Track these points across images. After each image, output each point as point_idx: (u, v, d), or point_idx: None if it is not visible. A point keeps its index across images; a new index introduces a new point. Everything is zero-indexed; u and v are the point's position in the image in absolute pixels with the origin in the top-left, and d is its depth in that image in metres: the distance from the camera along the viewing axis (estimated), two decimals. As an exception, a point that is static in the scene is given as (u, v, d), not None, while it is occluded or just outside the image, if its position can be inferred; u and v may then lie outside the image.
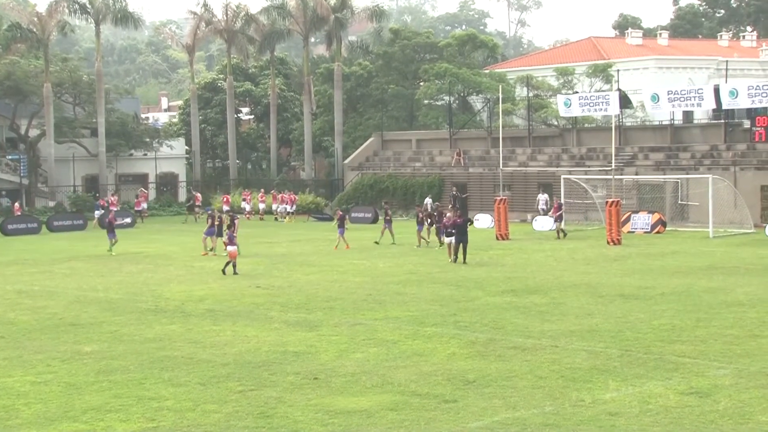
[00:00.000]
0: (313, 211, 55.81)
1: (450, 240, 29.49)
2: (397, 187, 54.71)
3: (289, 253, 34.00)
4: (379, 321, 19.42)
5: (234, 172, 67.44)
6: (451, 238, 29.42)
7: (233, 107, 68.59)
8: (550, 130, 54.47)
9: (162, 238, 41.29)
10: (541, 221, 43.23)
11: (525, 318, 19.39)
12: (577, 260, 30.17)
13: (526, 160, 51.68)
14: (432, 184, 53.42)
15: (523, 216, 48.34)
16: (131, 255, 34.48)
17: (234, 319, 19.93)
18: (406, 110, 66.04)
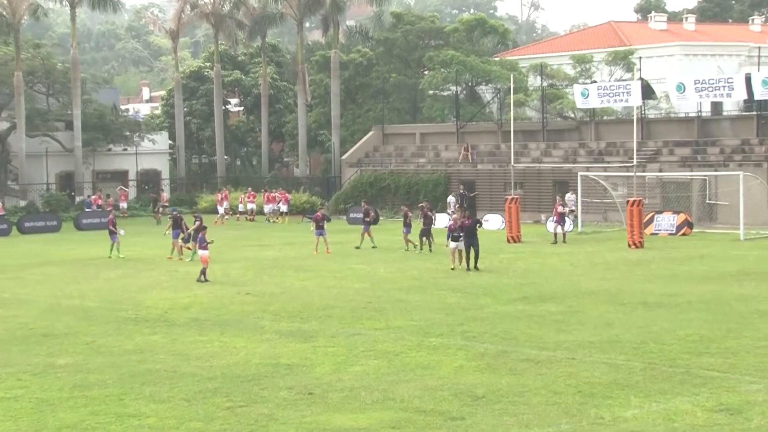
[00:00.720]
0: (307, 211, 55.84)
1: (455, 245, 28.74)
2: (399, 185, 54.74)
3: (282, 257, 33.99)
4: (379, 331, 19.40)
5: (222, 168, 67.53)
6: (457, 243, 28.72)
7: (221, 98, 68.65)
8: (566, 123, 54.46)
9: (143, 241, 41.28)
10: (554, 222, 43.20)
11: (539, 328, 19.37)
12: (595, 265, 30.15)
13: (540, 156, 51.68)
14: (437, 182, 53.45)
15: (537, 216, 48.34)
16: (109, 259, 34.47)
17: (222, 329, 19.92)
18: (409, 101, 66.06)
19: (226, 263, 32.01)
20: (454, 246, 28.88)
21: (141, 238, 42.93)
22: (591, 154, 50.14)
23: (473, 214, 50.83)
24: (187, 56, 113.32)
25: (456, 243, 28.83)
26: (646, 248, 34.69)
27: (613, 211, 44.44)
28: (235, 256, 34.81)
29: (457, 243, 28.80)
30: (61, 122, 61.83)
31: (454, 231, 28.91)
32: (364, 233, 36.28)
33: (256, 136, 74.70)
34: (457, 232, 28.81)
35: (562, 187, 49.26)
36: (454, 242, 28.92)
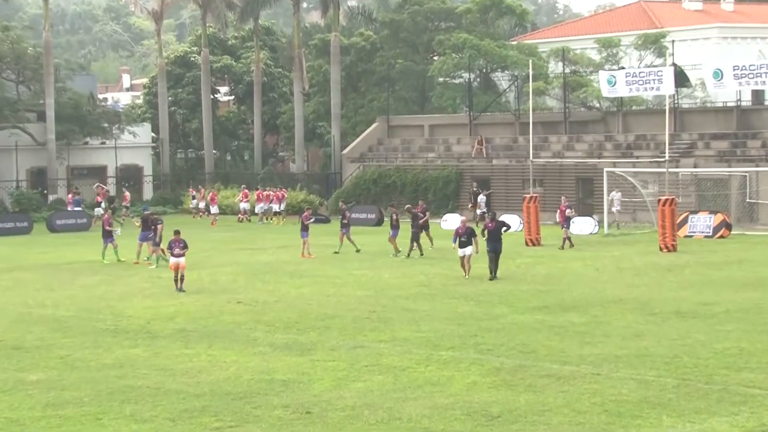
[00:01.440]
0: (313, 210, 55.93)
1: (463, 252, 28.14)
2: (405, 182, 54.77)
3: (276, 262, 34.00)
4: (384, 343, 19.40)
5: (210, 164, 67.62)
6: (465, 250, 28.02)
7: (209, 86, 68.73)
8: (591, 114, 54.42)
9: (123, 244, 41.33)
10: (579, 223, 43.23)
11: (560, 340, 19.36)
12: (623, 270, 30.12)
13: (562, 150, 51.67)
14: (448, 179, 53.49)
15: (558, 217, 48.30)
16: (86, 264, 34.50)
17: (210, 342, 19.93)
18: (417, 90, 66.07)
19: (214, 268, 32.03)
20: (462, 253, 28.24)
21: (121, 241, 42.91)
22: (618, 148, 50.12)
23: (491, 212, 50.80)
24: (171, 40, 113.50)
25: (464, 250, 28.14)
26: (680, 252, 34.65)
27: (642, 210, 44.41)
28: (225, 260, 34.83)
29: (465, 249, 28.12)
30: (33, 113, 61.93)
31: (462, 236, 28.17)
32: (342, 236, 36.24)
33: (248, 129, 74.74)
34: (465, 236, 28.08)
35: (586, 185, 49.23)
36: (462, 249, 28.16)
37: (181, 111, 72.71)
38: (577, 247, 37.28)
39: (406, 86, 65.62)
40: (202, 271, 31.53)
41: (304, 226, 34.90)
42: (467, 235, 28.16)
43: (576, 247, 37.02)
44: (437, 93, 63.59)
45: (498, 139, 55.32)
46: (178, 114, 72.71)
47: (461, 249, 28.22)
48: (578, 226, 42.97)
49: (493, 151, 54.26)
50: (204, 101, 67.22)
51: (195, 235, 40.22)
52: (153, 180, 66.51)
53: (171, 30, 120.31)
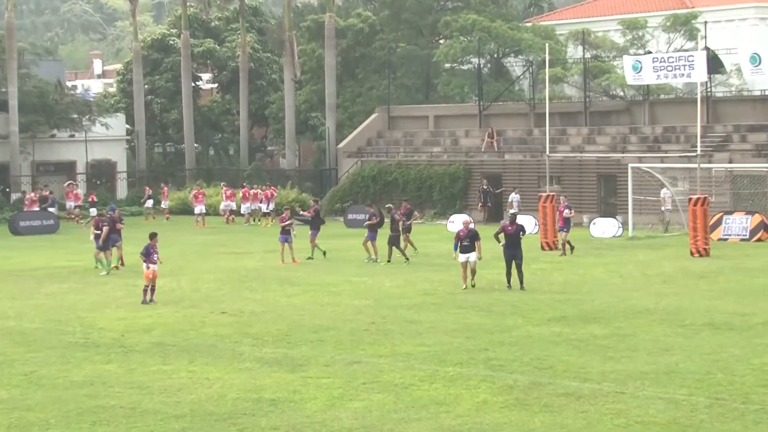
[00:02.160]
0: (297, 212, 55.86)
1: (465, 258, 27.61)
2: (408, 179, 54.80)
3: (264, 268, 33.98)
4: (384, 358, 19.39)
5: (191, 159, 67.68)
6: (467, 255, 27.50)
7: (190, 73, 68.77)
8: (614, 104, 54.42)
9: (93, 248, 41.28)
10: (601, 225, 43.24)
11: (580, 355, 19.35)
12: (650, 277, 30.11)
13: (582, 144, 51.68)
14: (455, 176, 53.52)
15: (577, 218, 48.30)
16: (53, 270, 34.48)
17: (191, 356, 19.92)
18: (421, 77, 66.08)
19: (196, 275, 32.01)
20: (464, 259, 27.57)
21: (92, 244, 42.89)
22: (644, 142, 50.12)
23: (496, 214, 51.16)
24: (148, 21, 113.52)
25: (466, 255, 27.60)
26: (713, 257, 34.63)
27: (671, 211, 44.40)
28: (208, 266, 34.81)
29: (467, 255, 27.61)
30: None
31: (464, 240, 27.53)
32: (313, 239, 36.13)
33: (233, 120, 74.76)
34: (467, 240, 27.48)
35: (609, 182, 49.22)
36: (464, 254, 27.55)
37: (158, 100, 72.75)
38: (597, 250, 37.23)
39: (409, 73, 65.64)
40: (181, 278, 31.50)
41: (283, 230, 34.92)
42: (470, 238, 27.58)
43: (597, 251, 36.97)
44: (443, 80, 63.60)
45: (510, 131, 55.32)
46: (156, 104, 72.75)
47: (463, 254, 27.59)
48: (600, 228, 42.99)
49: (506, 145, 54.26)
50: (184, 89, 67.25)
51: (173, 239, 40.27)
52: (128, 177, 66.55)
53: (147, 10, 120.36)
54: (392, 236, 34.70)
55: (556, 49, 57.08)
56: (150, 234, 27.76)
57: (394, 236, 34.65)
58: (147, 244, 27.16)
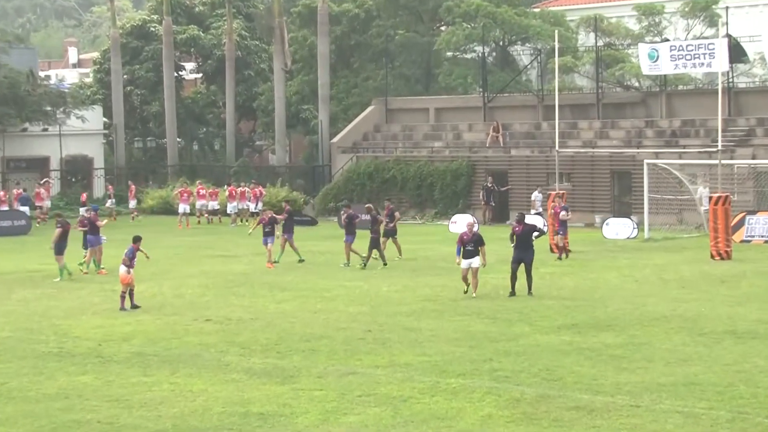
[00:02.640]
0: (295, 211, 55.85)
1: (467, 264, 27.19)
2: (407, 176, 54.80)
3: (253, 272, 33.98)
4: (381, 369, 19.40)
5: (173, 155, 67.63)
6: (471, 261, 27.10)
7: (172, 62, 68.73)
8: (629, 95, 54.43)
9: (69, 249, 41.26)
10: (615, 226, 43.25)
11: (592, 365, 19.36)
12: (667, 282, 30.14)
13: (594, 138, 51.68)
14: (458, 173, 53.50)
15: (589, 218, 48.34)
16: (25, 274, 34.45)
17: (173, 367, 19.91)
18: (421, 67, 66.06)
19: (178, 280, 31.99)
20: (466, 265, 27.20)
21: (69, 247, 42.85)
22: (661, 136, 50.14)
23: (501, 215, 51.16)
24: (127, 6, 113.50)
25: (469, 260, 27.22)
26: (735, 260, 34.64)
27: (690, 210, 44.41)
28: (192, 269, 34.79)
29: (470, 260, 27.20)
30: (-39, 94, 61.86)
31: (467, 244, 27.17)
32: (284, 241, 36.05)
33: (218, 113, 74.69)
34: (470, 245, 27.14)
35: (623, 180, 49.22)
36: (467, 259, 27.20)
37: (138, 92, 72.64)
38: (611, 253, 37.24)
39: (408, 62, 65.61)
40: (163, 282, 31.50)
41: (265, 232, 34.89)
42: (474, 242, 27.23)
43: (610, 254, 36.98)
44: (445, 70, 63.57)
45: (517, 125, 55.32)
46: (135, 95, 72.64)
47: (465, 260, 27.23)
48: (613, 229, 43.00)
49: (512, 140, 54.26)
50: (166, 80, 67.20)
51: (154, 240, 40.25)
52: (105, 174, 66.47)
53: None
54: (373, 238, 34.56)
55: (567, 36, 57.06)
56: (134, 237, 27.80)
57: (375, 238, 34.52)
58: (131, 248, 27.17)
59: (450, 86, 62.31)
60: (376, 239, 34.58)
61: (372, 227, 34.89)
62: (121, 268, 27.00)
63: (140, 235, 28.12)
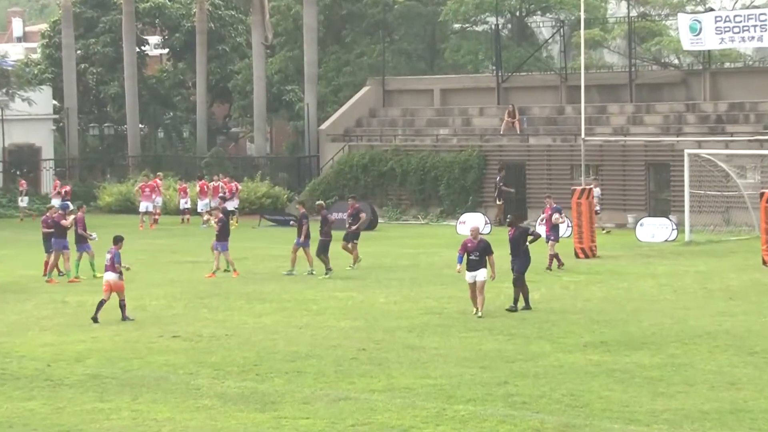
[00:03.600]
0: (267, 209, 55.77)
1: (473, 277, 26.52)
2: (408, 169, 54.72)
3: (228, 280, 33.96)
4: (378, 394, 19.37)
5: (135, 144, 67.45)
6: (476, 273, 26.47)
7: (134, 35, 68.62)
8: (667, 74, 54.40)
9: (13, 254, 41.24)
10: (651, 227, 43.20)
11: (624, 390, 19.35)
12: (711, 292, 30.14)
13: (626, 125, 51.66)
14: (467, 165, 53.41)
15: (621, 217, 48.30)
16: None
17: (134, 391, 19.88)
18: (425, 41, 66.03)
19: (141, 290, 31.95)
20: (471, 279, 26.66)
21: (9, 250, 42.85)
22: (705, 122, 50.10)
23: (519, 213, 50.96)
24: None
25: (474, 273, 26.60)
26: (790, 267, 34.69)
27: (738, 209, 44.36)
28: (156, 278, 34.75)
29: (475, 273, 26.56)
30: None
31: (471, 253, 26.52)
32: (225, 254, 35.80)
33: (187, 95, 74.61)
34: (475, 254, 26.44)
35: (660, 173, 49.19)
36: (471, 271, 26.61)
37: (94, 70, 72.54)
38: (646, 258, 37.22)
39: (409, 35, 65.60)
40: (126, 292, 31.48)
41: (219, 235, 34.69)
42: (480, 251, 26.60)
43: (645, 259, 36.97)
44: (452, 45, 63.60)
45: (537, 109, 55.28)
46: (91, 74, 72.55)
47: (470, 272, 26.73)
48: (649, 230, 42.96)
49: (530, 126, 54.23)
50: (126, 56, 67.08)
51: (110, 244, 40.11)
52: (55, 166, 66.40)
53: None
54: (324, 241, 34.43)
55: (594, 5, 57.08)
56: (114, 238, 27.93)
57: (324, 241, 34.38)
58: (114, 251, 27.35)
59: (458, 64, 62.31)
60: (325, 243, 34.34)
61: (321, 229, 34.63)
62: (108, 275, 27.17)
63: (122, 235, 28.20)
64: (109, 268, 27.26)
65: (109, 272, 27.26)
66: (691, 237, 41.68)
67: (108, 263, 27.37)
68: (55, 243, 34.32)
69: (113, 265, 27.21)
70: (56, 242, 34.32)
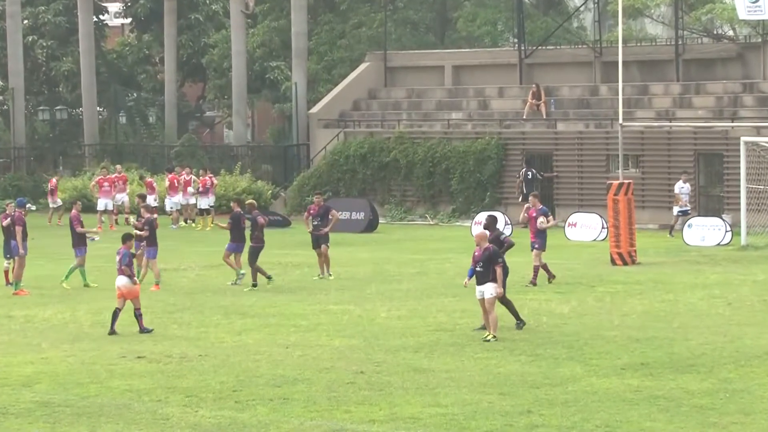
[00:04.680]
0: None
1: (481, 293, 26.47)
2: (414, 160, 54.70)
3: (202, 289, 33.98)
4: (379, 425, 19.42)
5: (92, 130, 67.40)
6: (482, 288, 26.39)
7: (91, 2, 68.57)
8: (719, 48, 54.38)
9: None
10: (700, 228, 43.16)
11: (669, 419, 19.38)
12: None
13: (671, 107, 51.65)
14: (484, 155, 53.37)
15: (665, 217, 48.29)
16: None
17: (92, 422, 19.91)
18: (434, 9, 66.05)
19: (99, 302, 31.97)
20: (479, 295, 26.62)
21: None
22: (764, 104, 50.12)
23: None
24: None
25: (481, 288, 26.56)
26: None
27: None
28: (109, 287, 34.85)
29: (482, 288, 26.52)
30: None
31: (476, 263, 26.67)
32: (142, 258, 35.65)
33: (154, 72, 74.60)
34: (480, 264, 26.53)
35: (712, 164, 49.18)
36: (479, 286, 26.71)
37: (44, 43, 72.59)
38: (694, 266, 37.23)
39: (416, 2, 65.61)
40: (78, 306, 31.49)
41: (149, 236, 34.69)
42: (484, 261, 26.59)
43: (693, 266, 36.98)
44: (466, 14, 63.63)
45: (566, 89, 55.27)
46: (40, 48, 72.59)
47: (478, 286, 26.75)
48: (698, 232, 42.91)
49: (559, 110, 54.23)
50: (82, 27, 67.09)
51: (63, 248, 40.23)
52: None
53: None
54: (254, 248, 34.42)
55: (634, -33, 57.08)
56: (123, 236, 28.50)
57: (256, 248, 34.38)
58: (123, 251, 27.76)
59: (473, 36, 62.31)
60: (256, 250, 34.37)
61: (252, 233, 34.57)
62: (120, 279, 27.57)
63: (131, 233, 28.49)
64: (120, 272, 27.68)
65: (120, 276, 27.68)
66: (748, 240, 41.67)
67: (118, 266, 27.76)
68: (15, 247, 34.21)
69: (122, 268, 27.64)
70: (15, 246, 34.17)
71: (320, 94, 61.84)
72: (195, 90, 77.06)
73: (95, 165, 61.60)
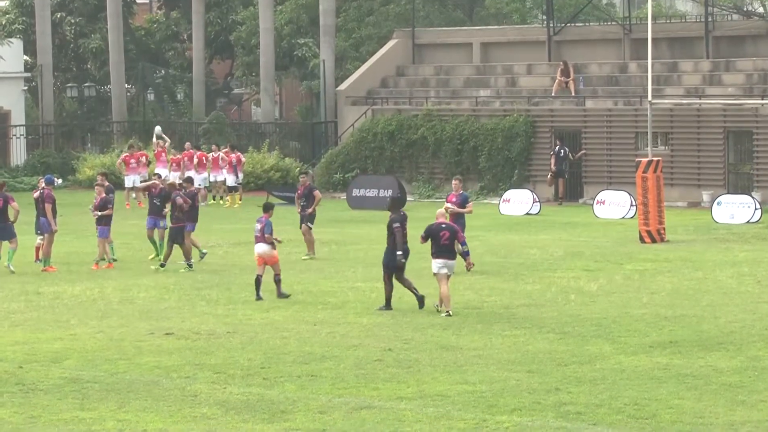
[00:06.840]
0: (275, 185, 55.77)
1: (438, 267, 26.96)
2: (442, 138, 54.64)
3: (230, 267, 34.06)
4: (407, 402, 19.41)
5: (121, 107, 67.45)
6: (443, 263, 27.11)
7: (119, -20, 68.63)
8: (751, 25, 54.14)
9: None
10: (730, 206, 43.04)
11: (697, 397, 19.34)
12: (801, 283, 30.12)
13: (701, 85, 51.46)
14: (513, 133, 53.27)
15: (695, 195, 48.17)
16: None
17: (121, 398, 19.96)
18: (462, -15, 65.83)
19: (127, 279, 32.05)
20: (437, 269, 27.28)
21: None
22: (797, 82, 49.95)
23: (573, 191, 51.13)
24: None
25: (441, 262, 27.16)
26: None
27: None
28: (146, 265, 34.84)
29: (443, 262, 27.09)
30: None
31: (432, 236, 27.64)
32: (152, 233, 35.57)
33: (182, 49, 74.60)
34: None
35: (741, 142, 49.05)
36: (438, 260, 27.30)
37: (72, 20, 72.59)
38: (724, 244, 37.15)
39: (444, -21, 65.43)
40: (106, 282, 31.55)
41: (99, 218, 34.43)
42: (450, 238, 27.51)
43: (722, 244, 36.91)
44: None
45: (595, 66, 55.12)
46: (69, 25, 72.61)
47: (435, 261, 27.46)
48: (728, 210, 42.80)
49: (587, 87, 54.09)
50: (110, 4, 67.08)
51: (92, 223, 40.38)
52: (27, 133, 66.53)
53: None
54: (174, 229, 33.90)
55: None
56: (264, 205, 29.71)
57: (175, 229, 33.83)
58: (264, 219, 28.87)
59: (501, 13, 62.17)
60: (178, 231, 33.80)
61: (173, 213, 34.18)
62: (259, 247, 28.56)
63: (272, 202, 29.01)
64: (260, 239, 28.64)
65: (260, 243, 28.61)
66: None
67: (258, 233, 28.73)
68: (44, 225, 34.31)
69: (263, 236, 28.54)
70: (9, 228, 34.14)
71: (348, 71, 61.77)
72: (223, 67, 77.02)
73: (123, 142, 61.62)
